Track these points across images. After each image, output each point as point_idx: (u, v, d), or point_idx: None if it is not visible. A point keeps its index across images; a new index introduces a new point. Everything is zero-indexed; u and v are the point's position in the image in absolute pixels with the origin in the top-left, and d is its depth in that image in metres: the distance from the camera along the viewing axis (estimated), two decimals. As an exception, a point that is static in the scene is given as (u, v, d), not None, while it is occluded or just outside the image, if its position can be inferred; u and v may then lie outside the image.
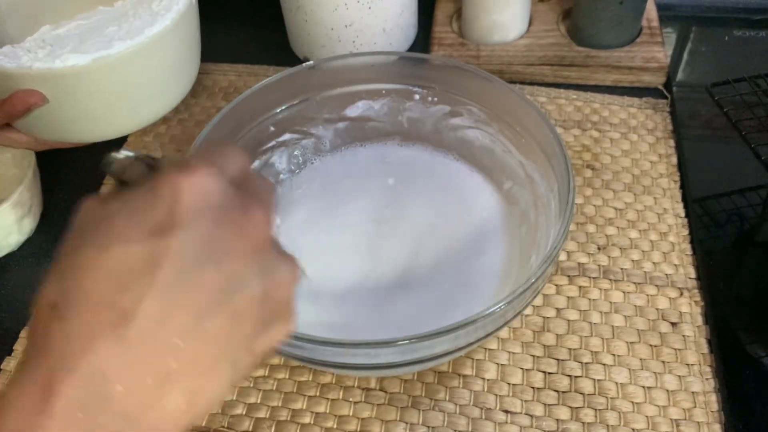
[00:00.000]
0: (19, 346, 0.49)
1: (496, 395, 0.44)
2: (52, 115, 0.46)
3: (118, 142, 0.63)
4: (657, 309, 0.48)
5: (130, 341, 0.21)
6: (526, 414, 0.44)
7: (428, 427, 0.43)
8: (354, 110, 0.54)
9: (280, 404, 0.44)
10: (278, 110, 0.51)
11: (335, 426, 0.43)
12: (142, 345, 0.22)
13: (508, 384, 0.45)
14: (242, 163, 0.27)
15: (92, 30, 0.50)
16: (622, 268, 0.51)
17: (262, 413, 0.44)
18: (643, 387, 0.44)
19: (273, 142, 0.53)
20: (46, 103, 0.45)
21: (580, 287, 0.50)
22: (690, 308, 0.48)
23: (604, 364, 0.46)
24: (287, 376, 0.46)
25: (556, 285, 0.50)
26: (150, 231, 0.22)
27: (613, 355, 0.46)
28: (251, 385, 0.45)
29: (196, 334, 0.23)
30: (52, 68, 0.43)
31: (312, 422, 0.44)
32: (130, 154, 0.25)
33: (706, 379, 0.45)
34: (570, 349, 0.46)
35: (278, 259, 0.25)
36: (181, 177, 0.23)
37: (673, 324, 0.47)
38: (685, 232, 0.53)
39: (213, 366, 0.24)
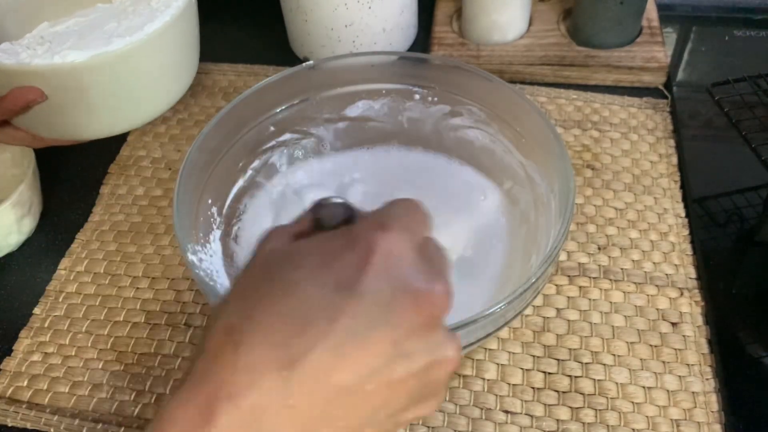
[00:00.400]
0: (18, 346, 0.49)
1: (496, 395, 0.44)
2: (50, 111, 0.46)
3: (118, 139, 0.63)
4: (657, 309, 0.48)
5: (292, 385, 0.22)
6: (526, 414, 0.44)
7: (428, 427, 0.43)
8: (354, 110, 0.54)
9: (280, 404, 0.44)
10: (278, 110, 0.51)
11: (335, 426, 0.43)
12: (302, 391, 0.22)
13: (509, 384, 0.45)
14: (428, 227, 0.28)
15: (91, 27, 0.50)
16: (622, 268, 0.51)
17: (262, 413, 0.44)
18: (644, 387, 0.44)
19: (273, 142, 0.53)
20: (45, 99, 0.45)
21: (580, 287, 0.50)
22: (690, 308, 0.48)
23: (604, 364, 0.46)
24: (287, 377, 0.46)
25: (557, 285, 0.50)
26: (337, 284, 0.23)
27: (614, 355, 0.46)
28: (251, 385, 0.45)
29: (353, 393, 0.23)
30: (51, 64, 0.43)
31: (312, 422, 0.43)
32: (339, 200, 0.27)
33: (707, 379, 0.45)
34: (570, 349, 0.46)
35: (445, 340, 0.26)
36: (377, 235, 0.25)
37: (674, 324, 0.47)
38: (686, 232, 0.53)
39: (359, 426, 0.24)
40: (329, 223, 0.27)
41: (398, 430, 0.27)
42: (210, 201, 0.48)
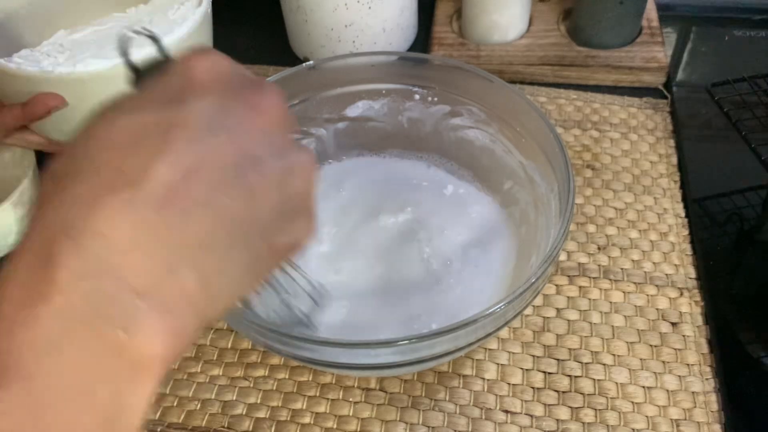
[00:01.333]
0: (19, 346, 0.49)
1: (496, 395, 0.44)
2: (67, 117, 0.47)
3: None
4: (657, 309, 0.48)
5: (137, 207, 0.19)
6: (526, 414, 0.44)
7: (428, 427, 0.43)
8: (354, 110, 0.54)
9: (280, 404, 0.44)
10: (278, 110, 0.51)
11: (335, 426, 0.43)
12: (150, 212, 0.20)
13: (508, 384, 0.45)
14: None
15: (109, 36, 0.50)
16: (622, 268, 0.51)
17: (262, 413, 0.44)
18: (643, 387, 0.44)
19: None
20: (66, 106, 0.45)
21: (580, 287, 0.50)
22: (690, 308, 0.48)
23: (604, 364, 0.46)
24: (287, 376, 0.46)
25: (557, 285, 0.50)
26: (164, 101, 0.22)
27: (613, 355, 0.46)
28: (251, 385, 0.45)
29: (208, 207, 0.21)
30: (74, 72, 0.44)
31: (312, 422, 0.44)
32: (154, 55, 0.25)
33: (706, 379, 0.45)
34: (570, 349, 0.46)
35: (294, 147, 0.24)
36: (193, 57, 0.23)
37: (673, 324, 0.47)
38: (685, 232, 0.53)
39: (228, 244, 0.21)
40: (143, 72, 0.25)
41: (277, 258, 0.24)
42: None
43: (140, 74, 0.25)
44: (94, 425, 0.19)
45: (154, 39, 0.25)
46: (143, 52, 0.25)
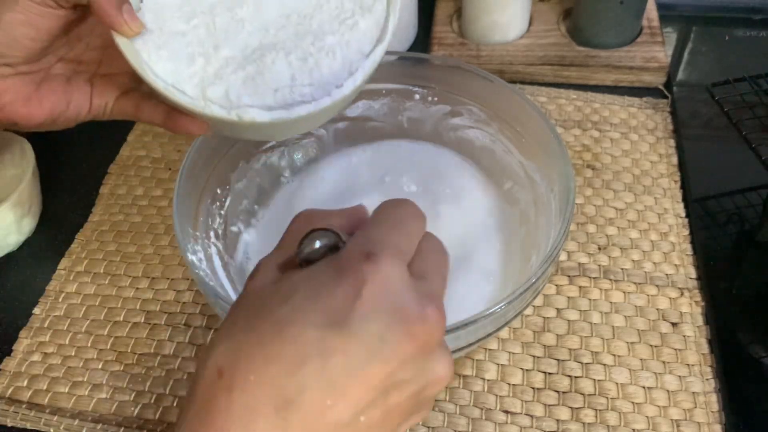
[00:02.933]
0: (18, 347, 0.49)
1: (497, 395, 0.44)
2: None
3: (118, 140, 0.63)
4: (657, 309, 0.48)
5: (290, 426, 0.22)
6: (526, 414, 0.43)
7: (428, 427, 0.43)
8: (354, 110, 0.54)
9: (279, 404, 0.44)
10: (278, 110, 0.51)
11: (335, 426, 0.43)
12: (299, 430, 0.22)
13: (509, 384, 0.45)
14: (421, 229, 0.28)
15: (267, 71, 0.38)
16: (622, 268, 0.51)
17: (261, 413, 0.44)
18: (644, 387, 0.44)
19: (273, 142, 0.53)
20: (208, 134, 0.41)
21: (580, 287, 0.50)
22: (690, 308, 0.48)
23: (604, 365, 0.45)
24: (287, 377, 0.46)
25: (557, 285, 0.50)
26: (328, 320, 0.23)
27: (614, 355, 0.46)
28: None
29: (349, 426, 0.23)
30: (226, 118, 0.37)
31: (312, 422, 0.43)
32: (325, 242, 0.26)
33: (707, 379, 0.44)
34: (570, 349, 0.46)
35: (439, 358, 0.26)
36: (364, 266, 0.24)
37: (674, 324, 0.47)
38: (686, 232, 0.53)
39: None
40: (315, 253, 0.26)
41: None
42: (210, 201, 0.48)
43: (309, 255, 0.26)
44: None
45: (331, 234, 0.27)
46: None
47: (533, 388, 0.45)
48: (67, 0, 0.35)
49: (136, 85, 0.41)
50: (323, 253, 0.26)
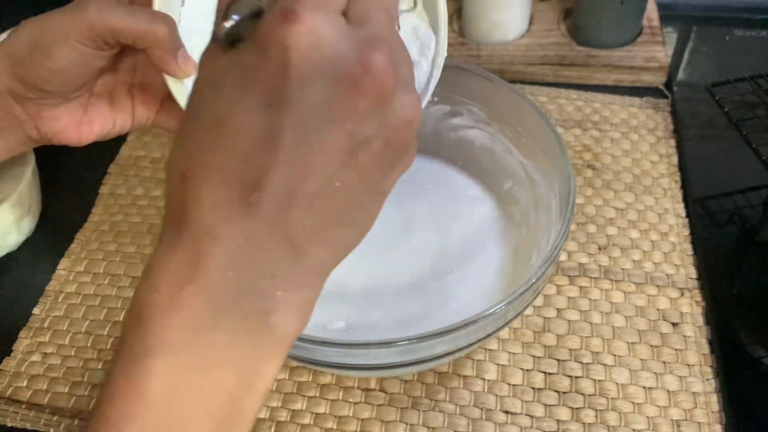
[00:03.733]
0: (18, 347, 0.49)
1: (497, 396, 0.44)
2: None
3: (118, 140, 0.63)
4: (658, 309, 0.48)
5: (263, 209, 0.22)
6: (526, 414, 0.43)
7: (428, 427, 0.43)
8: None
9: (279, 405, 0.44)
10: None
11: (335, 427, 0.43)
12: (276, 211, 0.22)
13: (509, 384, 0.45)
14: None
15: None
16: (622, 269, 0.51)
17: (261, 413, 0.44)
18: (644, 387, 0.44)
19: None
20: None
21: (580, 287, 0.50)
22: (691, 308, 0.48)
23: (604, 365, 0.45)
24: (287, 377, 0.46)
25: (557, 285, 0.50)
26: (265, 100, 0.22)
27: (614, 355, 0.46)
28: (251, 385, 0.45)
29: (326, 194, 0.23)
30: None
31: (312, 423, 0.43)
32: (236, 17, 0.24)
33: (707, 379, 0.44)
34: (570, 349, 0.46)
35: (400, 102, 0.24)
36: (286, 29, 0.22)
37: (674, 324, 0.47)
38: (686, 232, 0.53)
39: (347, 216, 0.24)
40: (239, 28, 0.24)
41: (385, 197, 0.26)
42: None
43: (233, 35, 0.24)
44: (237, 387, 0.23)
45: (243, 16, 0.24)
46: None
47: (533, 389, 0.45)
48: (119, 42, 0.36)
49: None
50: (251, 26, 0.23)
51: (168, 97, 0.41)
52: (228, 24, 0.24)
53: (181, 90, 0.37)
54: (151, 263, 0.23)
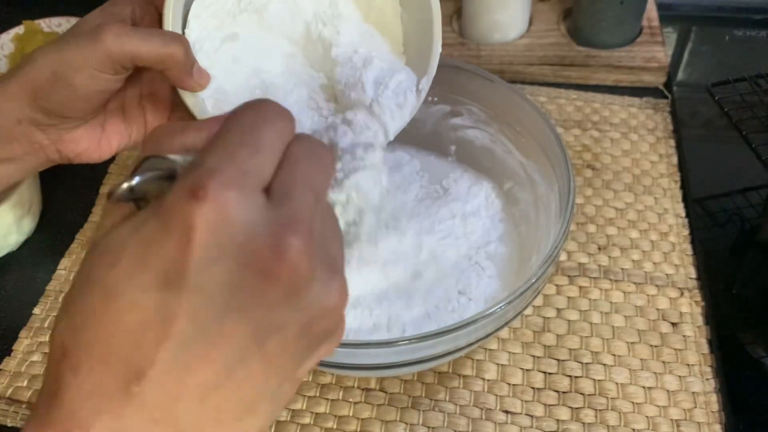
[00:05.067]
0: (18, 347, 0.49)
1: (497, 395, 0.44)
2: None
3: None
4: (657, 309, 0.48)
5: (146, 399, 0.20)
6: (526, 414, 0.43)
7: (428, 427, 0.43)
8: (354, 110, 0.54)
9: (280, 404, 0.44)
10: (278, 110, 0.51)
11: (335, 426, 0.43)
12: (160, 402, 0.20)
13: (509, 384, 0.45)
14: (285, 135, 0.23)
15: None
16: (622, 268, 0.51)
17: (261, 413, 0.44)
18: (644, 387, 0.44)
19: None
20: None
21: (580, 287, 0.50)
22: (690, 308, 0.48)
23: (604, 365, 0.45)
24: (287, 377, 0.46)
25: (557, 285, 0.50)
26: (162, 281, 0.20)
27: (614, 355, 0.46)
28: (251, 385, 0.45)
29: (225, 386, 0.21)
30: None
31: (312, 422, 0.43)
32: (140, 177, 0.22)
33: (707, 379, 0.44)
34: (570, 349, 0.46)
35: (320, 289, 0.22)
36: (193, 206, 0.20)
37: (674, 324, 0.47)
38: (686, 232, 0.53)
39: (250, 408, 0.22)
40: (144, 186, 0.22)
41: (299, 383, 0.24)
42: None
43: (136, 193, 0.22)
44: None
45: (166, 160, 0.22)
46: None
47: (533, 388, 0.45)
48: (136, 65, 0.37)
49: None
50: (159, 186, 0.22)
51: (178, 103, 0.42)
52: (129, 184, 0.21)
53: (195, 101, 0.38)
54: None
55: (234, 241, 0.20)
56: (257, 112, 0.23)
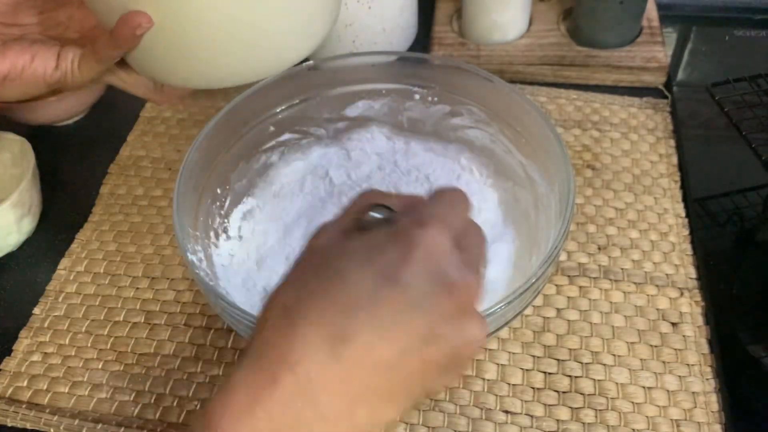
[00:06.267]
0: (18, 347, 0.49)
1: (497, 395, 0.44)
2: (165, 51, 0.37)
3: (118, 139, 0.63)
4: (657, 309, 0.48)
5: (342, 360, 0.26)
6: (526, 414, 0.43)
7: (428, 427, 0.43)
8: (354, 110, 0.54)
9: (279, 404, 0.44)
10: (278, 110, 0.51)
11: (335, 426, 0.43)
12: (350, 365, 0.26)
13: (509, 384, 0.45)
14: (466, 213, 0.32)
15: None
16: (622, 268, 0.51)
17: (261, 413, 0.44)
18: (644, 387, 0.44)
19: (273, 142, 0.53)
20: (151, 25, 0.36)
21: (580, 287, 0.50)
22: (690, 308, 0.48)
23: (604, 365, 0.45)
24: (287, 377, 0.46)
25: (557, 285, 0.50)
26: (382, 271, 0.27)
27: (614, 355, 0.46)
28: (251, 385, 0.45)
29: (393, 368, 0.27)
30: None
31: (312, 422, 0.43)
32: (383, 214, 0.32)
33: (707, 379, 0.44)
34: (570, 349, 0.46)
35: (474, 323, 0.29)
36: (417, 231, 0.28)
37: (674, 324, 0.47)
38: (686, 232, 0.53)
39: (397, 396, 0.27)
40: (371, 223, 0.31)
41: (428, 398, 0.31)
42: (210, 201, 0.48)
43: (366, 224, 0.31)
44: None
45: (386, 208, 0.32)
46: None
47: (533, 388, 0.45)
48: None
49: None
50: (379, 224, 0.31)
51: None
52: (371, 215, 0.32)
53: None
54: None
55: (435, 263, 0.28)
56: (454, 193, 0.32)
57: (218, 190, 0.49)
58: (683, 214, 0.54)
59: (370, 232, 0.29)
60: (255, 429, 0.25)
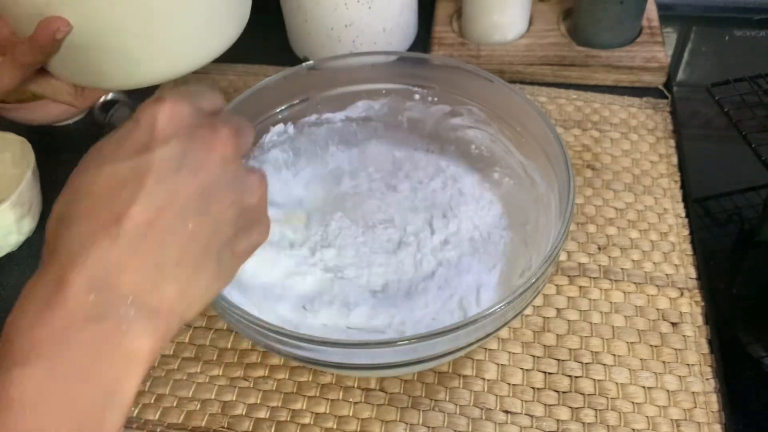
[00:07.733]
0: (18, 347, 0.49)
1: (497, 395, 0.44)
2: (83, 54, 0.39)
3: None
4: (657, 309, 0.48)
5: (125, 237, 0.26)
6: (526, 414, 0.44)
7: (428, 427, 0.43)
8: (354, 110, 0.54)
9: (280, 404, 0.44)
10: (278, 110, 0.51)
11: (335, 426, 0.43)
12: (135, 240, 0.26)
13: (509, 384, 0.45)
14: (216, 102, 0.32)
15: None
16: (622, 268, 0.51)
17: (262, 413, 0.44)
18: (644, 387, 0.44)
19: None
20: (70, 29, 0.37)
21: (580, 287, 0.50)
22: (690, 308, 0.48)
23: (604, 365, 0.45)
24: (287, 377, 0.46)
25: (557, 285, 0.50)
26: (134, 152, 0.27)
27: (614, 355, 0.46)
28: (251, 385, 0.45)
29: (181, 233, 0.27)
30: None
31: (312, 422, 0.43)
32: (114, 96, 0.29)
33: (707, 379, 0.44)
34: (570, 349, 0.46)
35: (246, 172, 0.30)
36: (155, 106, 0.28)
37: (674, 324, 0.47)
38: (686, 232, 0.53)
39: (199, 261, 0.28)
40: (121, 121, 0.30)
41: (240, 261, 0.30)
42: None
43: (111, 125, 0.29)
44: (98, 399, 0.26)
45: (122, 102, 0.29)
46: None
47: (533, 388, 0.45)
48: None
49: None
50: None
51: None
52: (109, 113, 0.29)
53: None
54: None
55: (185, 125, 0.28)
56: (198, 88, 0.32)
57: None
58: (683, 214, 0.54)
59: (118, 127, 0.30)
60: (56, 327, 0.25)
